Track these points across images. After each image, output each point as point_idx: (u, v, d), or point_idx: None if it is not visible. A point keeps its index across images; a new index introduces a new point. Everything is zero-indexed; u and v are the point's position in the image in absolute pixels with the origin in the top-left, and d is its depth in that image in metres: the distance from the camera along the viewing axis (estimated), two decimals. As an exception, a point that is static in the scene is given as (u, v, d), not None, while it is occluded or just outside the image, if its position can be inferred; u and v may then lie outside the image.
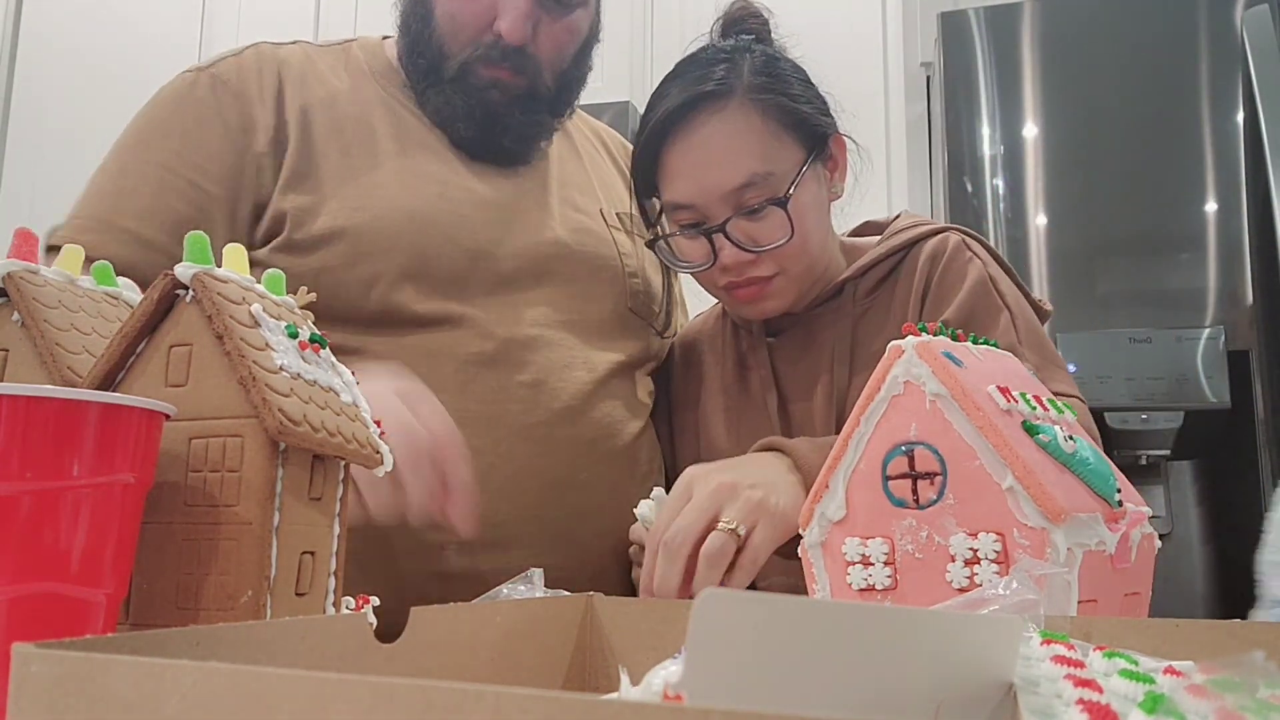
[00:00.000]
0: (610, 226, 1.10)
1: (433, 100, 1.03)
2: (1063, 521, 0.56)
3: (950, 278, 0.97)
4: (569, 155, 1.14)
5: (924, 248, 1.01)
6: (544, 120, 1.06)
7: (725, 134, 0.94)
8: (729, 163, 0.93)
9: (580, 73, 1.09)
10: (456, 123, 1.02)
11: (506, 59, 1.00)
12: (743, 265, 0.96)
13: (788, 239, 0.93)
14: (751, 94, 0.94)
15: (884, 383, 0.63)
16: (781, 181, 0.94)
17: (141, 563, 0.51)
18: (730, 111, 0.94)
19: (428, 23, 1.02)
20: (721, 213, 0.94)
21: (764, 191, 0.93)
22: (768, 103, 0.94)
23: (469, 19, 1.00)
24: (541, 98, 1.04)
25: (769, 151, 0.94)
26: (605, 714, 0.24)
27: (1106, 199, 2.00)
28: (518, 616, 0.57)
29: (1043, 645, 0.40)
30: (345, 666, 0.45)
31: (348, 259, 0.93)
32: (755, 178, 0.93)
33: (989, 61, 2.12)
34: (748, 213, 0.94)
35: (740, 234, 0.94)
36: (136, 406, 0.47)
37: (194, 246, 0.54)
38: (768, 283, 0.97)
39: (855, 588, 0.62)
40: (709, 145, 0.94)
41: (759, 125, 0.94)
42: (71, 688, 0.29)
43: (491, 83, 1.01)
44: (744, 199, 0.93)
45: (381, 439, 0.60)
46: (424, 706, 0.25)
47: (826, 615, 0.30)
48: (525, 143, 1.06)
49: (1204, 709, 0.30)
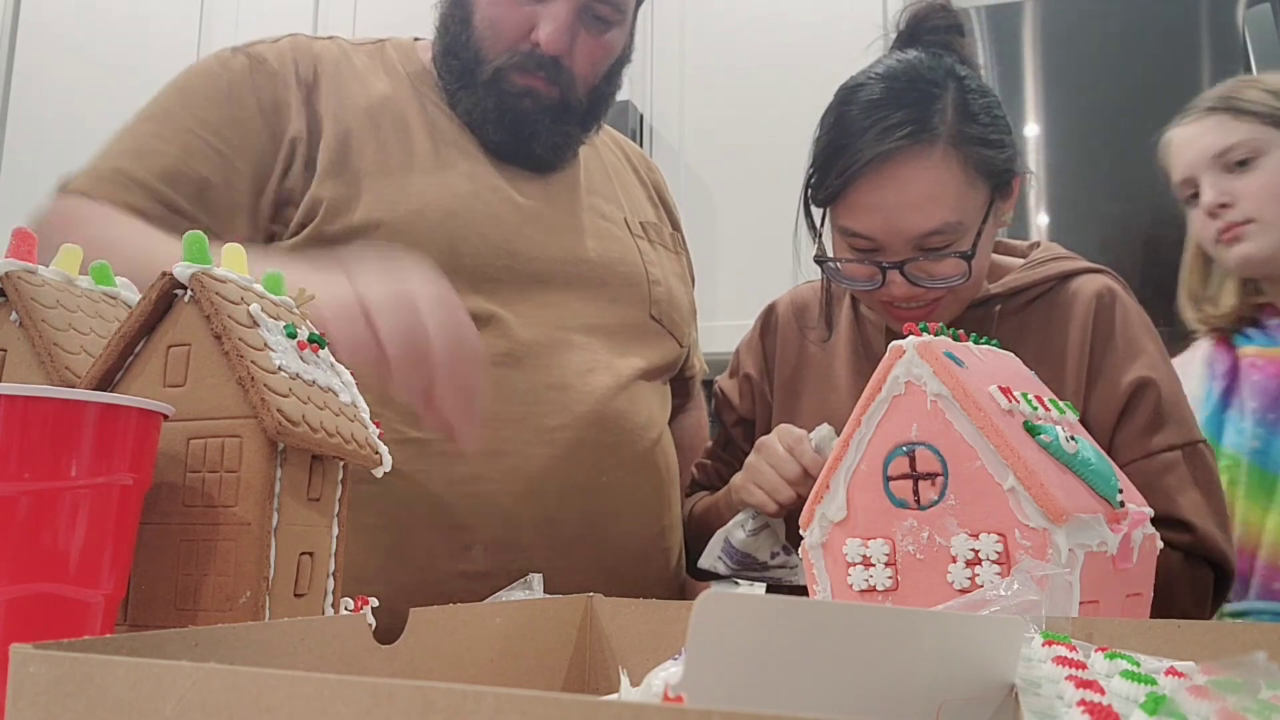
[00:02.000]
0: (634, 235, 1.11)
1: (464, 102, 1.04)
2: (1064, 522, 0.56)
3: (1135, 332, 0.97)
4: (594, 164, 1.15)
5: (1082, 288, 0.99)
6: (573, 132, 1.07)
7: (925, 182, 0.91)
8: (924, 210, 0.91)
9: (610, 90, 1.10)
10: (486, 125, 1.03)
11: (542, 68, 1.01)
12: (913, 295, 0.95)
13: (965, 279, 0.93)
14: (955, 142, 0.92)
15: (885, 383, 0.63)
16: (969, 229, 0.93)
17: (140, 563, 0.51)
18: (933, 160, 0.91)
19: (467, 25, 1.03)
20: (903, 251, 0.93)
21: (949, 236, 0.92)
22: (969, 153, 0.92)
23: (509, 26, 1.00)
24: (573, 110, 1.05)
25: (962, 201, 0.93)
26: (605, 715, 0.24)
27: (1107, 199, 2.00)
28: (518, 617, 0.57)
29: (1044, 646, 0.40)
30: (345, 667, 0.45)
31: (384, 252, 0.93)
32: (946, 226, 0.92)
33: (989, 61, 2.12)
34: (928, 252, 0.93)
35: (918, 271, 0.94)
36: (135, 407, 0.47)
37: (192, 246, 0.54)
38: (934, 307, 0.97)
39: (856, 588, 0.62)
40: (907, 191, 0.92)
41: (959, 175, 0.92)
42: (70, 688, 0.29)
43: (525, 90, 1.02)
44: (928, 242, 0.92)
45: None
46: (424, 707, 0.25)
47: (827, 616, 0.30)
48: (554, 151, 1.06)
49: (1205, 710, 0.30)
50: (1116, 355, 0.95)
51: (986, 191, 0.95)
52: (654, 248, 1.12)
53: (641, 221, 1.14)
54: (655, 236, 1.14)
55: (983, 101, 0.96)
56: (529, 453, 0.93)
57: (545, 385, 0.96)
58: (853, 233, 0.95)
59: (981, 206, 0.94)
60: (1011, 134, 0.98)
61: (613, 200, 1.13)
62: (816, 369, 1.08)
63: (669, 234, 1.18)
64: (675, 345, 1.10)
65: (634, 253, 1.09)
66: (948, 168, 0.92)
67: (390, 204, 0.95)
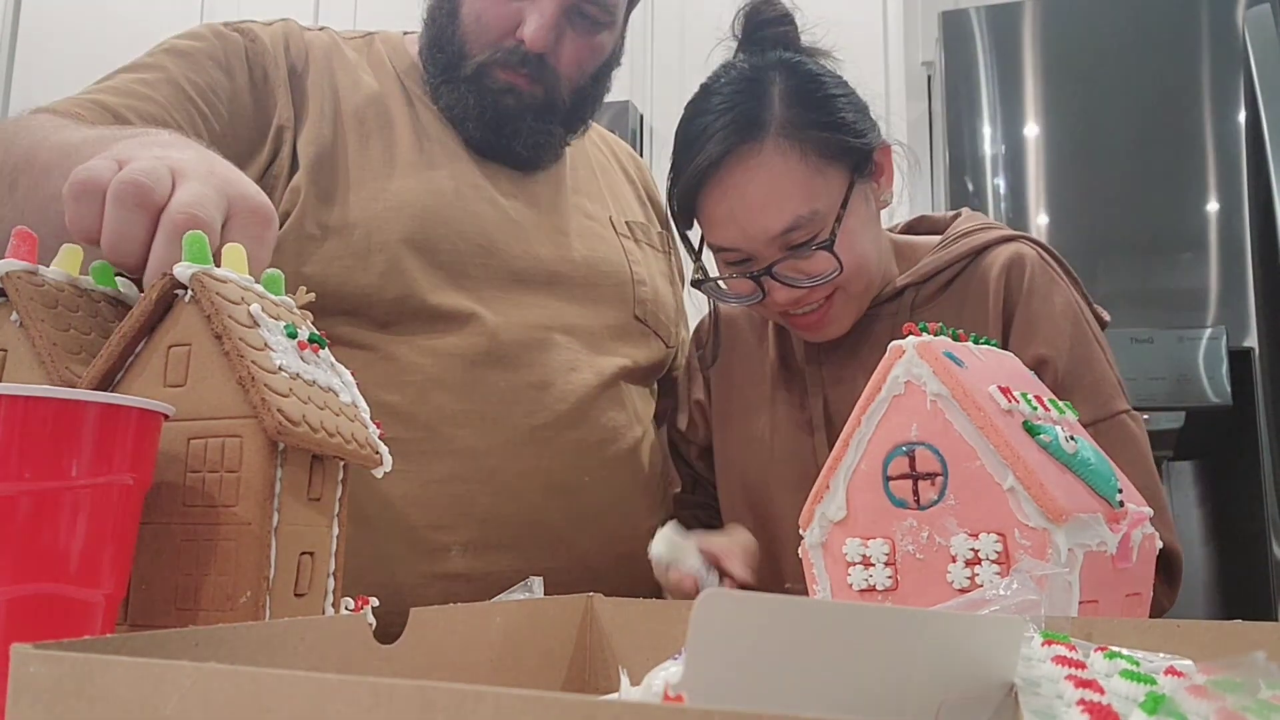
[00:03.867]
0: (619, 235, 1.10)
1: (445, 96, 1.03)
2: (1064, 522, 0.56)
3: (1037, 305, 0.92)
4: (581, 163, 1.14)
5: (994, 260, 0.95)
6: (555, 132, 1.05)
7: (763, 181, 0.89)
8: (770, 209, 0.89)
9: (598, 91, 1.08)
10: (467, 122, 1.02)
11: (525, 65, 1.00)
12: (796, 299, 0.93)
13: (837, 272, 0.90)
14: (786, 131, 0.89)
15: (885, 383, 0.63)
16: (827, 217, 0.90)
17: (140, 563, 0.51)
18: (766, 155, 0.88)
19: (454, 18, 1.01)
20: (768, 254, 0.90)
21: (810, 229, 0.89)
22: (805, 138, 0.89)
23: (494, 21, 0.99)
24: (556, 109, 1.04)
25: (811, 190, 0.89)
26: (605, 714, 0.24)
27: (1107, 199, 2.00)
28: (518, 617, 0.57)
29: (1044, 646, 0.40)
30: (345, 666, 0.45)
31: (360, 249, 0.92)
32: (800, 220, 0.89)
33: (990, 61, 2.12)
34: (794, 251, 0.90)
35: (789, 272, 0.91)
36: (135, 407, 0.47)
37: (193, 246, 0.54)
38: (828, 308, 0.93)
39: (856, 588, 0.62)
40: (747, 194, 0.89)
41: (798, 165, 0.89)
42: (70, 688, 0.29)
43: (507, 87, 1.01)
44: (790, 240, 0.89)
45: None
46: (424, 706, 0.25)
47: (827, 615, 0.30)
48: (536, 150, 1.05)
49: (1205, 709, 0.30)
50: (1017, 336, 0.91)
51: (842, 175, 0.91)
52: (640, 247, 1.12)
53: (628, 221, 1.13)
54: (642, 236, 1.13)
55: (815, 85, 0.92)
56: (509, 452, 0.93)
57: (526, 384, 0.95)
58: (719, 247, 0.94)
59: (839, 191, 0.91)
60: (862, 110, 0.95)
61: (599, 199, 1.12)
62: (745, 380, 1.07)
63: (656, 233, 1.17)
64: (661, 346, 1.10)
65: (619, 252, 1.08)
66: (783, 160, 0.88)
67: (367, 203, 0.95)
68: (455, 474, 0.90)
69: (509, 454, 0.93)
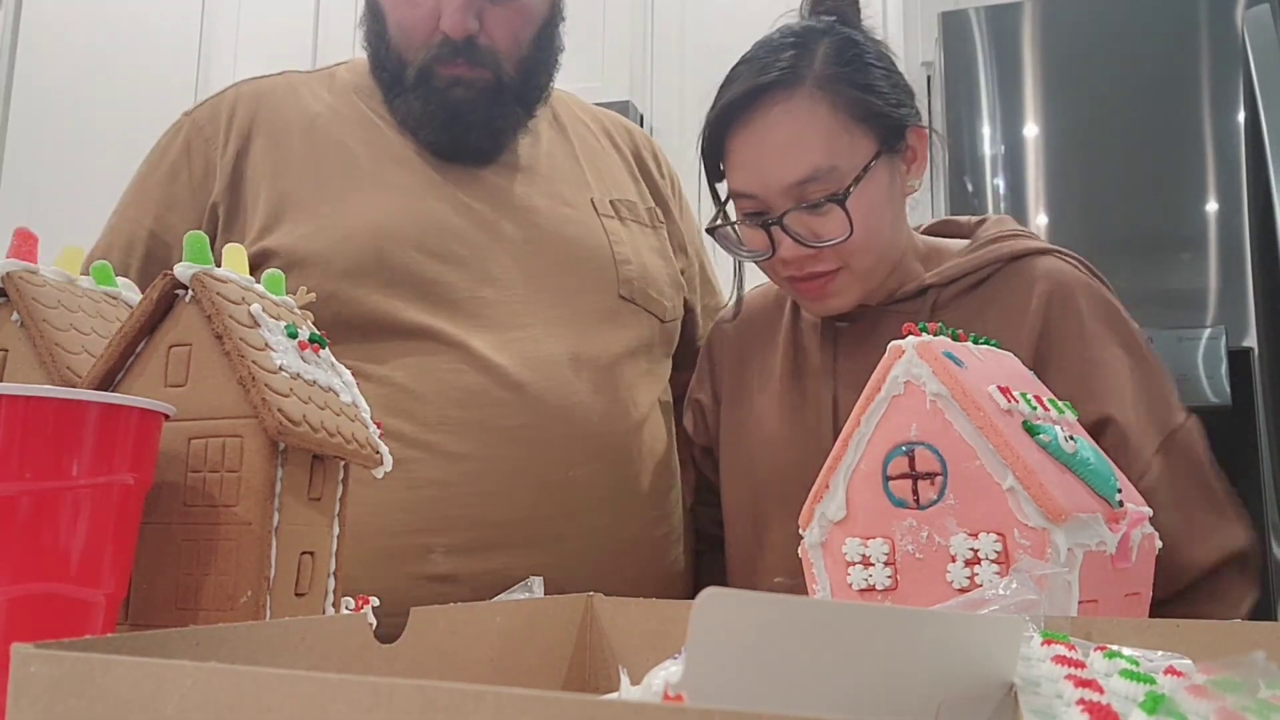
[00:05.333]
0: (601, 215, 1.08)
1: (399, 109, 1.04)
2: (1063, 522, 0.56)
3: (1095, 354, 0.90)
4: (557, 146, 1.12)
5: (1034, 275, 0.94)
6: (513, 111, 1.05)
7: (789, 126, 0.90)
8: (791, 155, 0.89)
9: (545, 56, 1.07)
10: (421, 129, 1.03)
11: (459, 54, 1.00)
12: (802, 260, 0.92)
13: (846, 236, 0.89)
14: (821, 84, 0.90)
15: (884, 383, 0.63)
16: (846, 176, 0.90)
17: (141, 563, 0.51)
18: (796, 102, 0.90)
19: (383, 35, 1.04)
20: (782, 205, 0.91)
21: (827, 186, 0.89)
22: (838, 94, 0.90)
23: (416, 24, 1.01)
24: (507, 88, 1.03)
25: (835, 145, 0.90)
26: (605, 714, 0.24)
27: (1107, 199, 2.00)
28: (518, 617, 0.57)
29: (1043, 645, 0.40)
30: (345, 666, 0.45)
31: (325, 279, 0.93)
32: (818, 172, 0.89)
33: (989, 61, 2.12)
34: (808, 207, 0.90)
35: (799, 228, 0.91)
36: (136, 407, 0.47)
37: (193, 246, 0.54)
38: (832, 278, 0.93)
39: (855, 588, 0.62)
40: (772, 137, 0.90)
41: (826, 117, 0.90)
42: (71, 688, 0.29)
43: (453, 80, 1.01)
44: (805, 192, 0.90)
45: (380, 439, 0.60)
46: (424, 706, 0.25)
47: (826, 615, 0.30)
48: (495, 137, 1.05)
49: (1204, 709, 0.30)
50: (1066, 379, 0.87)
51: (870, 141, 0.91)
52: (625, 225, 1.10)
53: (613, 200, 1.11)
54: (628, 213, 1.11)
55: (860, 50, 0.93)
56: (490, 454, 0.92)
57: (504, 385, 0.95)
58: (737, 193, 0.94)
59: (863, 155, 0.91)
60: (902, 89, 0.95)
61: (577, 181, 1.10)
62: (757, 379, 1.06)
63: (646, 209, 1.15)
64: (654, 321, 1.08)
65: (599, 234, 1.06)
66: (813, 110, 0.90)
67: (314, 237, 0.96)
68: (436, 479, 0.91)
69: (493, 457, 0.93)
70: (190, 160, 1.03)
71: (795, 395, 1.02)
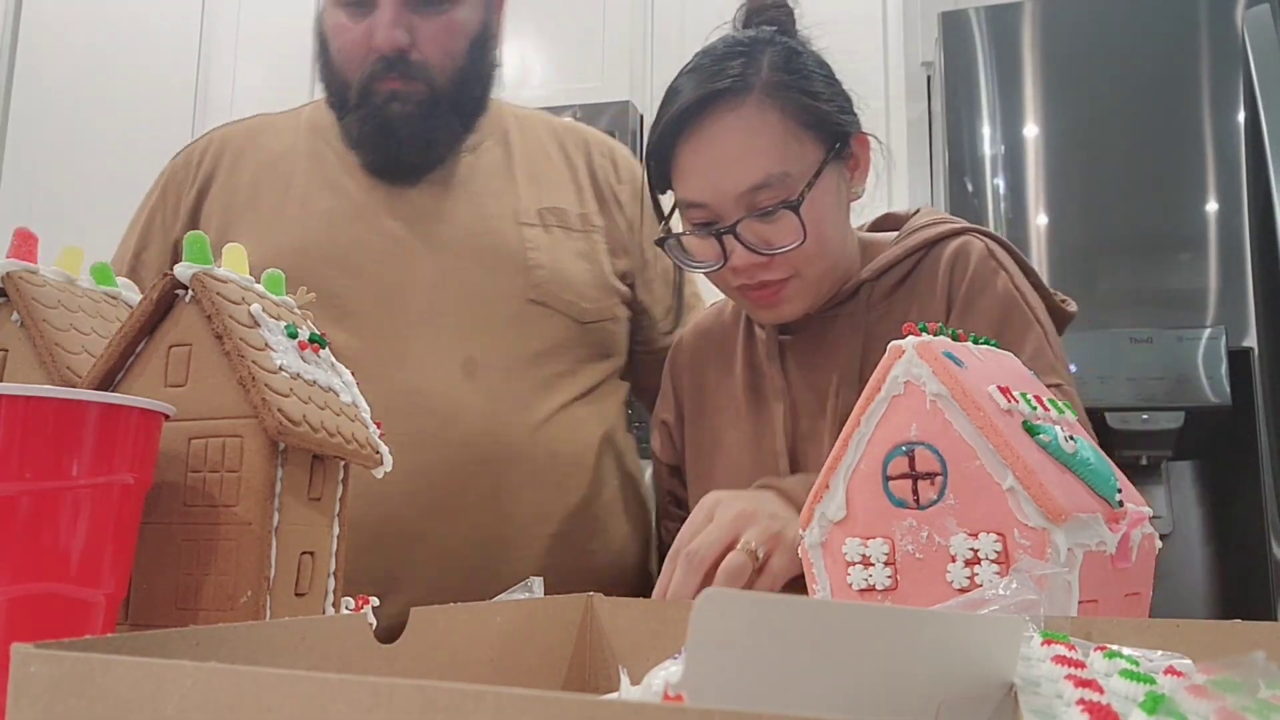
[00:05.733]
0: (522, 224, 1.12)
1: (347, 130, 1.11)
2: (1063, 522, 0.56)
3: (976, 291, 0.93)
4: (494, 159, 1.16)
5: (944, 252, 0.97)
6: (449, 123, 1.10)
7: (740, 133, 0.91)
8: (743, 162, 0.90)
9: (479, 69, 1.12)
10: (361, 149, 1.09)
11: (393, 69, 1.06)
12: (754, 268, 0.93)
13: (800, 243, 0.90)
14: (769, 91, 0.91)
15: (884, 383, 0.63)
16: (798, 182, 0.91)
17: (141, 563, 0.51)
18: (746, 109, 0.91)
19: (329, 65, 1.11)
20: (734, 213, 0.91)
21: (779, 193, 0.90)
22: (786, 100, 0.91)
23: (352, 46, 1.07)
24: (441, 100, 1.08)
25: (786, 151, 0.91)
26: (605, 714, 0.24)
27: (1107, 199, 2.00)
28: (518, 617, 0.57)
29: (1043, 645, 0.40)
30: (345, 666, 0.45)
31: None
32: (770, 179, 0.90)
33: (989, 61, 2.12)
34: (760, 214, 0.91)
35: (752, 236, 0.91)
36: (136, 406, 0.47)
37: (193, 246, 0.54)
38: (783, 286, 0.94)
39: (855, 588, 0.62)
40: (723, 144, 0.91)
41: (776, 124, 0.91)
42: (71, 688, 0.29)
43: (389, 95, 1.06)
44: (757, 200, 0.90)
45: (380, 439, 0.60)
46: (424, 706, 0.25)
47: (826, 615, 0.30)
48: (429, 150, 1.09)
49: (1204, 709, 0.30)
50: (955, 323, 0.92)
51: (817, 146, 0.93)
52: (547, 232, 1.13)
53: (540, 209, 1.14)
54: (554, 220, 1.14)
55: (803, 59, 0.95)
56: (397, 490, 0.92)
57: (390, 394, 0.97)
58: (688, 203, 0.94)
59: (812, 161, 0.92)
60: (843, 96, 0.97)
61: (503, 193, 1.14)
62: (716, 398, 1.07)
63: (577, 215, 1.17)
64: (570, 322, 1.11)
65: (513, 242, 1.10)
66: (762, 117, 0.91)
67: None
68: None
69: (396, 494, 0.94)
70: (165, 202, 1.14)
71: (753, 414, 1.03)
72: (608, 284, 1.16)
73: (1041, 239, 2.02)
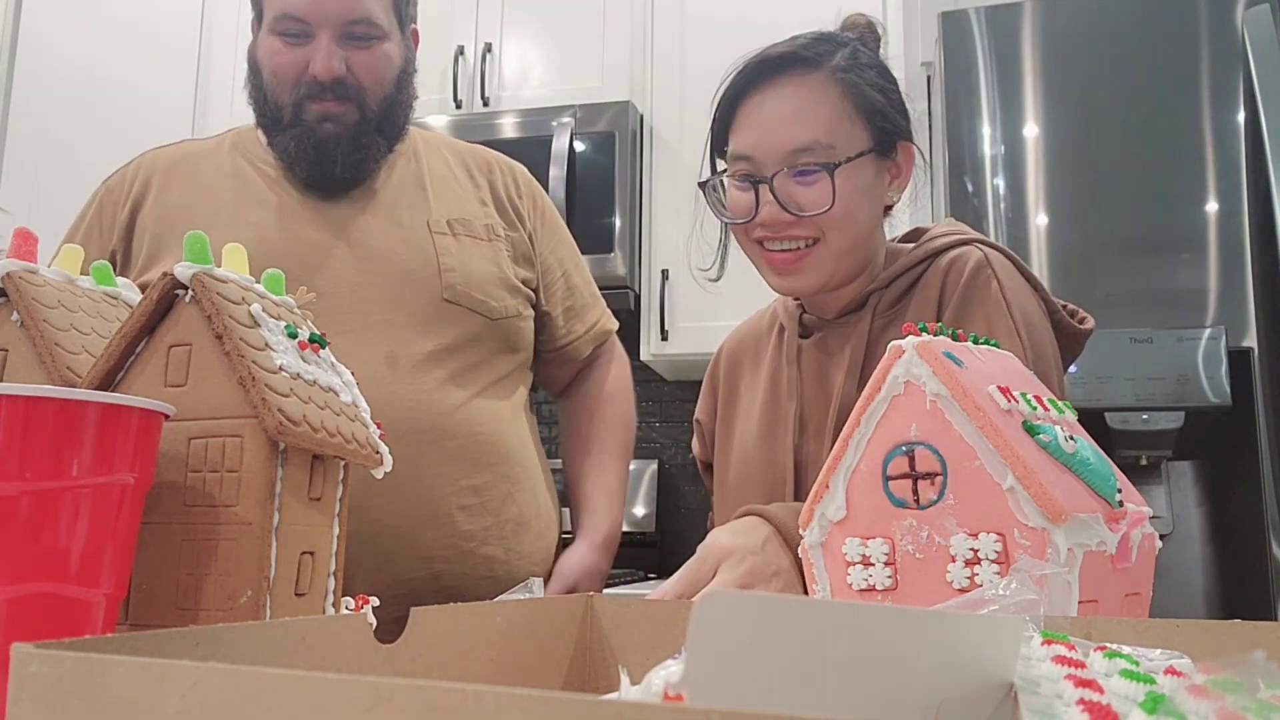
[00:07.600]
0: (434, 233, 1.24)
1: (279, 148, 1.21)
2: (1063, 522, 0.56)
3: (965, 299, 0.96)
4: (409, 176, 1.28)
5: (941, 262, 1.00)
6: (375, 142, 1.22)
7: (801, 96, 0.97)
8: (796, 123, 0.96)
9: (403, 97, 1.26)
10: (294, 165, 1.20)
11: (330, 92, 1.18)
12: (780, 224, 0.97)
13: (828, 208, 0.95)
14: (837, 72, 0.98)
15: (885, 383, 0.63)
16: (839, 156, 0.96)
17: (141, 563, 0.51)
18: (813, 80, 0.98)
19: (260, 86, 1.21)
20: (774, 169, 0.97)
21: (821, 158, 0.96)
22: (849, 84, 0.98)
23: (287, 69, 1.18)
24: (370, 121, 1.21)
25: (836, 126, 0.97)
26: (605, 714, 0.24)
27: (1106, 199, 2.00)
28: (518, 617, 0.57)
29: (1043, 645, 0.40)
30: (345, 666, 0.45)
31: None
32: (815, 144, 0.96)
33: (989, 61, 2.12)
34: (797, 173, 0.96)
35: (784, 194, 0.96)
36: (136, 406, 0.47)
37: (193, 246, 0.54)
38: (806, 254, 0.98)
39: (855, 588, 0.62)
40: (782, 103, 0.98)
41: (835, 99, 0.98)
42: (71, 688, 0.29)
43: (323, 115, 1.19)
44: (799, 160, 0.96)
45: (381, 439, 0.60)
46: (424, 706, 0.25)
47: (826, 615, 0.30)
48: (358, 167, 1.21)
49: (1204, 709, 0.30)
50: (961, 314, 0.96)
51: (866, 135, 0.99)
52: (457, 239, 1.25)
53: (449, 219, 1.27)
54: (463, 230, 1.27)
55: (875, 63, 1.02)
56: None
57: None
58: (736, 155, 1.00)
59: (856, 143, 0.98)
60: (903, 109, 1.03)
61: (418, 206, 1.26)
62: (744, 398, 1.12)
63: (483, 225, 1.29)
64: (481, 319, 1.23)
65: (427, 249, 1.22)
66: (825, 91, 0.98)
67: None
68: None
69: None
70: (101, 219, 1.24)
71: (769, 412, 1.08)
72: (513, 286, 1.28)
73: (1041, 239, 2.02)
